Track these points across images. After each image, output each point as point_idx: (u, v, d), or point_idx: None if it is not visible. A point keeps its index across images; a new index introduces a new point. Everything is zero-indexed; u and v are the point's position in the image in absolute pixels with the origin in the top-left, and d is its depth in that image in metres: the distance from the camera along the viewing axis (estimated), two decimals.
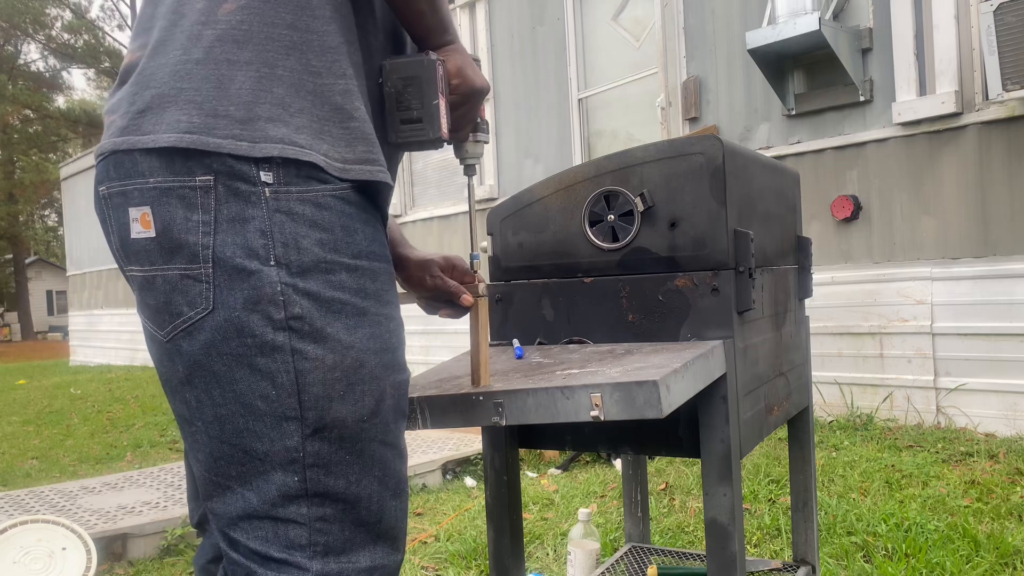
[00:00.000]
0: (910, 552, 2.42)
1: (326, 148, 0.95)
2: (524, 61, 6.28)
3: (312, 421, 0.93)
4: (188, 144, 0.90)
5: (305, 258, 0.92)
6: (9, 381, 11.44)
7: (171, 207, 0.91)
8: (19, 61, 33.33)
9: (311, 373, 0.92)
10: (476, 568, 2.59)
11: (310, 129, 0.94)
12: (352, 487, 0.96)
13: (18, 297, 35.44)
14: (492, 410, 1.10)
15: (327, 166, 0.95)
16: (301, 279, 0.92)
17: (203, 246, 0.90)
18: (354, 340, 0.94)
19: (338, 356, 0.93)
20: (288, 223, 0.92)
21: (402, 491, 1.01)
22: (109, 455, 5.10)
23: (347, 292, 0.95)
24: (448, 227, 7.15)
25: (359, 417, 0.95)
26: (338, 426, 0.94)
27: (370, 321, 0.96)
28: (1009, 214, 3.91)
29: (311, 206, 0.93)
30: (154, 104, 0.92)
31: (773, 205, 1.58)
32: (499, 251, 1.50)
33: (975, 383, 3.99)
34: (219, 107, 0.91)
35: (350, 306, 0.95)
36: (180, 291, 0.91)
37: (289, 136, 0.93)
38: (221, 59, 0.92)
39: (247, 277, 0.90)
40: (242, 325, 0.90)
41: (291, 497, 0.93)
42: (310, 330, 0.92)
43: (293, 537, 0.93)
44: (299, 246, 0.92)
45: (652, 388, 1.00)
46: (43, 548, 2.53)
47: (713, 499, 1.27)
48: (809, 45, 4.25)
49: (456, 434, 4.38)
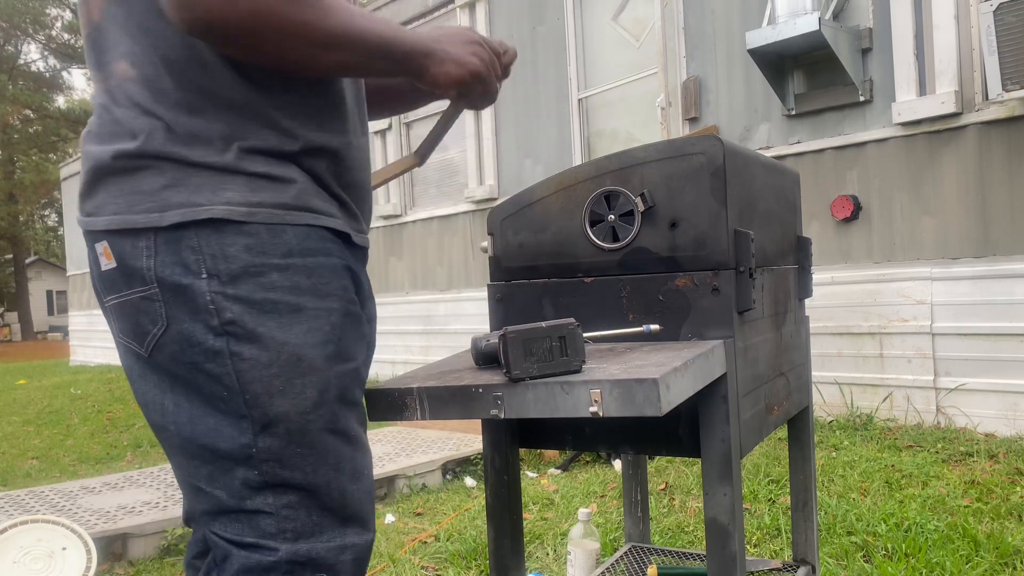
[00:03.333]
0: (910, 552, 2.42)
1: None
2: (524, 61, 6.28)
3: (258, 418, 0.98)
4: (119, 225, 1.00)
5: (233, 265, 0.97)
6: (9, 381, 11.44)
7: (121, 238, 0.99)
8: (19, 61, 33.34)
9: (248, 372, 0.97)
10: (476, 568, 2.59)
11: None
12: (309, 476, 1.00)
13: (18, 297, 35.43)
14: (491, 403, 1.09)
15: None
16: (231, 286, 0.97)
17: (147, 268, 0.98)
18: (289, 336, 0.98)
19: (272, 354, 0.98)
20: (214, 235, 0.97)
21: (361, 475, 1.04)
22: (109, 455, 5.10)
23: (279, 291, 0.98)
24: (448, 227, 7.15)
25: (302, 409, 0.99)
26: (283, 420, 0.98)
27: (307, 316, 1.00)
28: (1009, 214, 3.91)
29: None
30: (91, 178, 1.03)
31: (773, 205, 1.58)
32: (500, 251, 1.50)
33: (975, 383, 3.99)
34: None
35: (283, 304, 0.99)
36: (143, 312, 0.99)
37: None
38: None
39: (184, 291, 0.97)
40: (190, 335, 0.98)
41: (255, 489, 0.99)
42: (243, 332, 0.97)
43: (264, 526, 1.00)
44: (226, 255, 0.97)
45: (652, 386, 1.00)
46: (43, 548, 2.53)
47: (713, 499, 1.27)
48: (809, 45, 4.25)
49: (456, 434, 4.38)
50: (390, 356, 7.46)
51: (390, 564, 2.67)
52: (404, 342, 7.50)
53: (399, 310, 7.60)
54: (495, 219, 1.51)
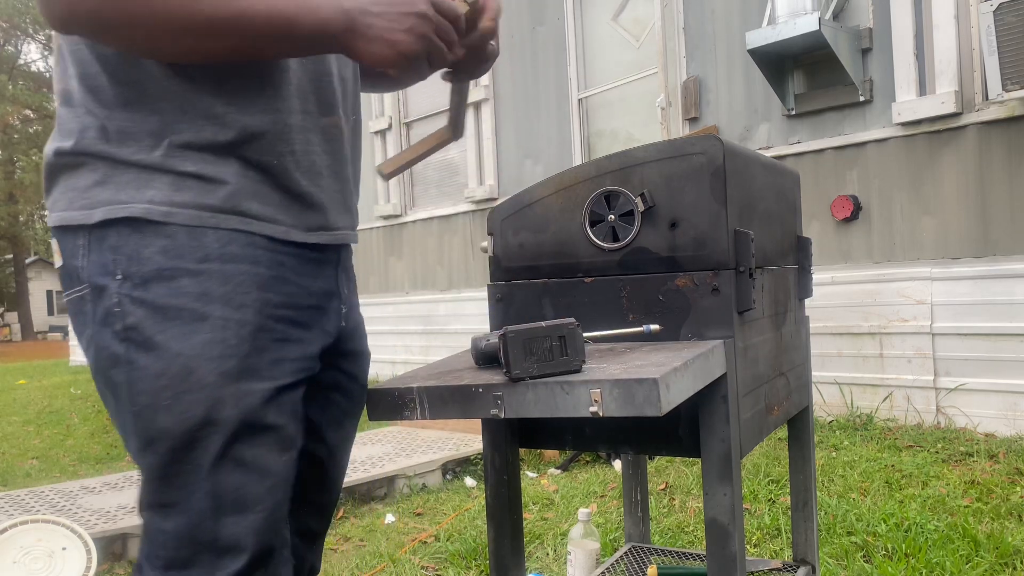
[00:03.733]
0: (910, 552, 2.42)
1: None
2: (524, 61, 6.28)
3: (141, 433, 0.93)
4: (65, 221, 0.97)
5: (146, 268, 0.92)
6: (9, 381, 11.43)
7: (64, 235, 0.97)
8: (19, 61, 33.33)
9: (140, 383, 0.92)
10: (476, 568, 2.59)
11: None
12: (184, 503, 0.93)
13: (18, 297, 35.43)
14: (491, 402, 1.09)
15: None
16: (141, 289, 0.92)
17: (82, 267, 0.95)
18: (184, 347, 0.91)
19: (164, 364, 0.91)
20: (133, 235, 0.93)
21: (245, 506, 0.94)
22: (109, 455, 5.10)
23: (187, 297, 0.92)
24: (448, 227, 7.15)
25: (187, 428, 0.91)
26: (165, 437, 0.92)
27: (210, 326, 0.93)
28: (1009, 214, 3.91)
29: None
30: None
31: (773, 205, 1.58)
32: (500, 251, 1.50)
33: (975, 383, 3.99)
34: None
35: (187, 311, 0.92)
36: (79, 312, 0.97)
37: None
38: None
39: (101, 293, 0.93)
40: (101, 340, 0.94)
41: (143, 506, 0.96)
42: (142, 339, 0.92)
43: (145, 545, 0.96)
44: (141, 256, 0.93)
45: (652, 386, 1.00)
46: (43, 548, 2.53)
47: (713, 499, 1.27)
48: (809, 45, 4.25)
49: (456, 434, 4.38)
50: (390, 356, 7.46)
51: (390, 564, 2.67)
52: (404, 342, 7.50)
53: (399, 310, 7.60)
54: (495, 219, 1.51)
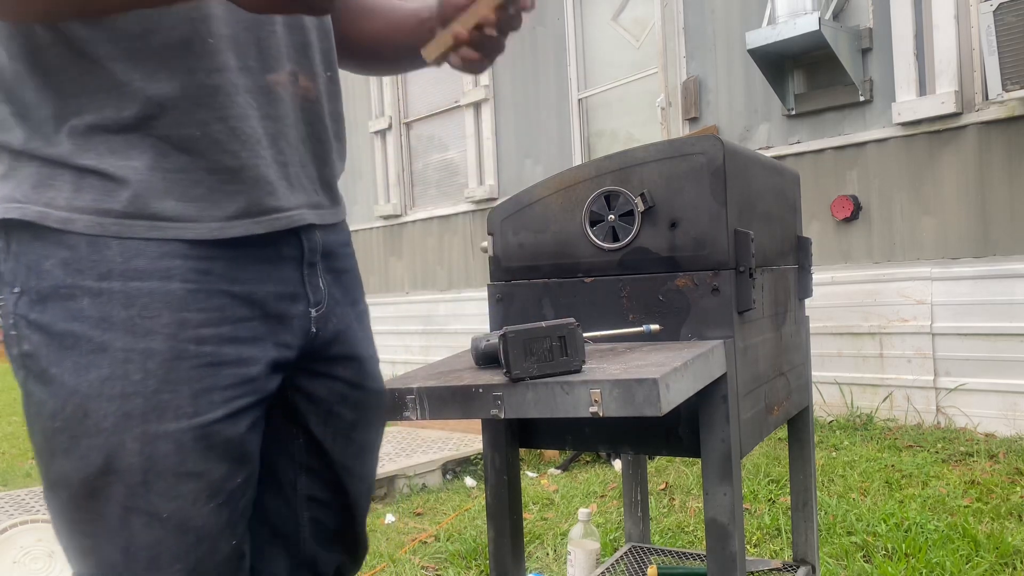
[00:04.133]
0: (910, 552, 2.42)
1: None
2: (524, 61, 6.28)
3: (43, 471, 0.82)
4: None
5: (44, 283, 0.79)
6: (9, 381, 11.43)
7: None
8: None
9: (36, 420, 0.81)
10: (476, 568, 2.59)
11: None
12: (96, 552, 0.82)
13: None
14: (491, 402, 1.09)
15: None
16: (37, 309, 0.79)
17: (1, 273, 0.83)
18: (81, 383, 0.78)
19: (59, 402, 0.79)
20: (34, 242, 0.79)
21: (160, 566, 0.81)
22: None
23: (85, 323, 0.78)
24: (448, 227, 7.15)
25: (85, 476, 0.79)
26: (64, 484, 0.80)
27: (110, 360, 0.78)
28: (1009, 214, 3.91)
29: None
30: None
31: (773, 205, 1.58)
32: (500, 251, 1.50)
33: (975, 383, 3.99)
34: None
35: (85, 340, 0.78)
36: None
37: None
38: None
39: (2, 308, 0.82)
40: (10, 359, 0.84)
41: (63, 546, 0.86)
42: (38, 370, 0.79)
43: None
44: (40, 269, 0.79)
45: (652, 386, 1.01)
46: (43, 548, 2.53)
47: (713, 499, 1.27)
48: (809, 45, 4.25)
49: (456, 434, 4.38)
50: (390, 356, 7.46)
51: (390, 564, 2.68)
52: (404, 342, 7.51)
53: (399, 310, 7.60)
54: (495, 219, 1.51)
